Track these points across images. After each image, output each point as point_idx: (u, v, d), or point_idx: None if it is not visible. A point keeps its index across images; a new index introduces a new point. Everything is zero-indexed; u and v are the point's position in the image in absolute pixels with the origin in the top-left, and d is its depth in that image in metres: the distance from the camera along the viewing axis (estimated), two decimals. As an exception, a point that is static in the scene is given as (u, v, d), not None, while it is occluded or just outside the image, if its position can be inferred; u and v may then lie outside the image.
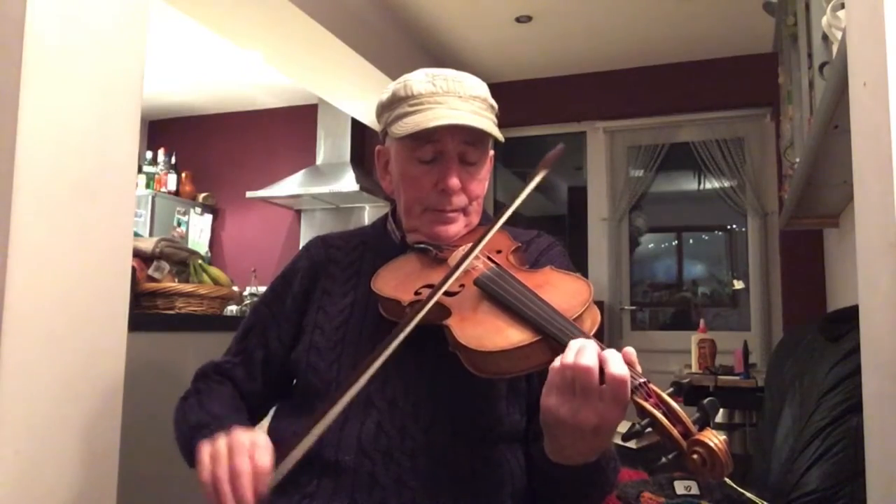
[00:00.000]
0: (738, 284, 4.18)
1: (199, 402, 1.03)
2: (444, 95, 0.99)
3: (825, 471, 1.40)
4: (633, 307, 4.38)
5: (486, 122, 1.01)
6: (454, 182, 1.00)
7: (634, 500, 1.61)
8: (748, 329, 4.07)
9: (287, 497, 0.94)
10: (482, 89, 1.04)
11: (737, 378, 2.94)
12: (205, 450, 0.85)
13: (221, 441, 0.85)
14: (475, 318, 0.87)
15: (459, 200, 1.03)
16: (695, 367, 3.13)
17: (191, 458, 1.00)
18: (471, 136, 1.00)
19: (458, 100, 1.00)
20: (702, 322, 3.34)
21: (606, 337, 4.16)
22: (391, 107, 1.03)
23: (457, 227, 1.04)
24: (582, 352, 0.74)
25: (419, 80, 1.01)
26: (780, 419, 1.80)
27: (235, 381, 1.09)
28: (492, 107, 1.05)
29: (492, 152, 1.09)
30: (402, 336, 0.84)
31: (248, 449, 0.83)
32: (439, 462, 0.92)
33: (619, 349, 0.75)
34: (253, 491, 0.81)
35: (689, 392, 3.12)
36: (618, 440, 0.83)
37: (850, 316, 1.47)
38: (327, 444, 0.93)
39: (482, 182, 1.06)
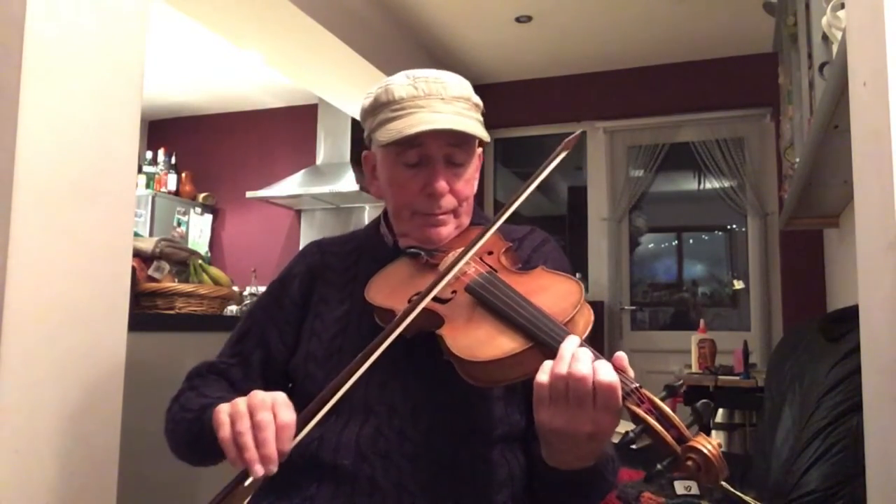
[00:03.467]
0: (738, 284, 4.17)
1: (198, 393, 1.01)
2: (427, 98, 0.98)
3: (825, 471, 1.40)
4: (633, 307, 4.37)
5: (470, 122, 1.00)
6: (441, 185, 0.99)
7: (634, 500, 1.61)
8: (748, 329, 4.06)
9: (287, 500, 0.94)
10: (465, 89, 1.02)
11: (737, 378, 2.94)
12: (223, 410, 0.81)
13: (241, 401, 0.81)
14: (467, 327, 0.86)
15: (448, 203, 1.02)
16: (695, 367, 3.13)
17: (193, 448, 0.97)
18: (455, 139, 0.99)
19: (441, 102, 0.98)
20: (702, 322, 3.34)
21: (606, 337, 4.16)
22: (374, 112, 1.02)
23: (447, 229, 1.04)
24: (576, 360, 0.74)
25: (401, 83, 1.00)
26: (780, 419, 1.80)
27: (232, 381, 1.07)
28: (476, 105, 1.03)
29: (480, 150, 1.07)
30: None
31: (270, 405, 0.80)
32: (439, 464, 0.92)
33: (619, 349, 0.75)
34: (277, 445, 0.77)
35: (688, 393, 3.11)
36: (615, 439, 0.83)
37: (850, 316, 1.48)
38: (326, 448, 0.93)
39: (470, 182, 1.05)
